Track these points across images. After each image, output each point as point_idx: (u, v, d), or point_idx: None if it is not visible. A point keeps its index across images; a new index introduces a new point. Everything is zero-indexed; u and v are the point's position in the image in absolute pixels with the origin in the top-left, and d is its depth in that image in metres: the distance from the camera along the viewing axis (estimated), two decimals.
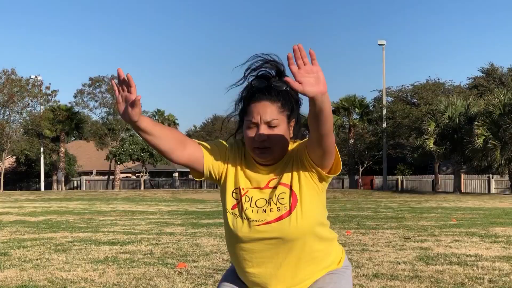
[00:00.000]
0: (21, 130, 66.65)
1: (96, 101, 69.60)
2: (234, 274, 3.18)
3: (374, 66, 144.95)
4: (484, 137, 45.81)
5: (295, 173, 2.95)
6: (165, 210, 27.64)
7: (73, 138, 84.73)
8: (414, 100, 66.54)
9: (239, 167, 3.04)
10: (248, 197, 3.00)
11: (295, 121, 3.00)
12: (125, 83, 2.73)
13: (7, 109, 63.75)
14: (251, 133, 2.92)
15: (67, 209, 29.24)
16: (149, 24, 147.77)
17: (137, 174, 76.20)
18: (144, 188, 67.56)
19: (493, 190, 58.03)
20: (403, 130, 60.76)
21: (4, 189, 64.94)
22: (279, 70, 2.97)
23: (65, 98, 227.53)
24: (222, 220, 2.74)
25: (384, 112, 60.25)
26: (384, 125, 59.96)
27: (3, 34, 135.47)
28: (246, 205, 2.99)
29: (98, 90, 69.51)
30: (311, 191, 2.95)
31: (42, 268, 9.76)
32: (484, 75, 72.28)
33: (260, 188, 3.00)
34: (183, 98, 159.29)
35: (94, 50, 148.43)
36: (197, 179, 3.13)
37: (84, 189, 73.29)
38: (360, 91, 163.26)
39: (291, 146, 3.02)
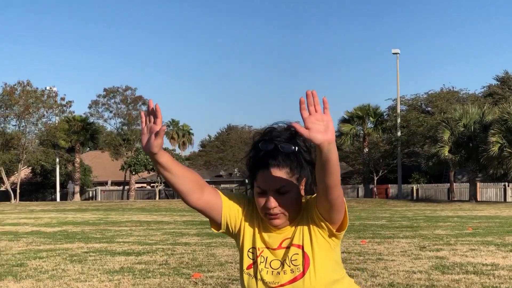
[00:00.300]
0: (37, 141, 66.93)
1: (111, 111, 69.89)
2: None
3: (388, 75, 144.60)
4: (500, 144, 45.59)
5: (306, 233, 2.93)
6: (180, 220, 27.66)
7: (88, 148, 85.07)
8: (429, 108, 66.33)
9: (255, 225, 3.02)
10: (263, 258, 2.99)
11: (306, 179, 2.93)
12: (152, 114, 2.74)
13: (23, 120, 64.08)
14: (261, 200, 2.88)
15: (83, 219, 29.33)
16: (164, 35, 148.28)
17: (152, 184, 76.34)
18: (159, 198, 67.63)
19: (509, 199, 57.66)
20: (418, 138, 60.55)
21: (20, 199, 65.20)
22: (290, 133, 2.90)
23: (80, 109, 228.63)
24: (228, 236, 2.68)
25: (399, 120, 60.09)
26: (399, 133, 59.79)
27: (18, 46, 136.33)
28: (261, 266, 2.97)
29: (112, 100, 69.81)
30: (322, 249, 2.94)
31: (58, 279, 9.80)
32: (499, 83, 71.97)
33: (273, 249, 2.99)
34: (198, 108, 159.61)
35: (109, 61, 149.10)
36: (216, 231, 3.07)
37: (99, 199, 73.45)
38: (374, 100, 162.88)
39: (304, 205, 2.99)
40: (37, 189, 77.48)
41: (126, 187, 71.56)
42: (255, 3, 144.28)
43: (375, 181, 64.88)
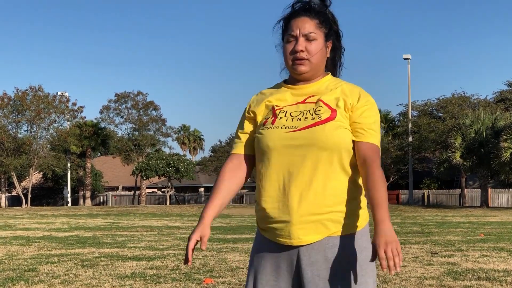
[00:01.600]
0: (48, 146, 67.19)
1: (122, 116, 70.13)
2: (260, 243, 3.11)
3: (399, 81, 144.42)
4: (511, 150, 45.45)
5: (338, 102, 3.00)
6: (191, 226, 27.68)
7: (99, 153, 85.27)
8: (440, 114, 66.19)
9: (270, 99, 3.10)
10: (283, 111, 3.03)
11: (332, 44, 3.12)
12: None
13: (34, 126, 64.35)
14: (290, 46, 3.03)
15: (94, 224, 29.39)
16: (175, 40, 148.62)
17: (162, 190, 76.45)
18: (170, 204, 67.72)
19: None
20: (429, 144, 60.41)
21: (31, 204, 65.45)
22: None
23: (91, 114, 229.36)
24: (248, 235, 2.66)
25: (410, 126, 59.97)
26: (410, 139, 59.68)
27: (30, 51, 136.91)
28: (280, 115, 3.01)
29: (123, 106, 70.06)
30: (348, 126, 2.99)
31: (69, 284, 9.82)
32: (510, 88, 71.73)
33: (296, 104, 3.03)
34: (209, 113, 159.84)
35: (120, 67, 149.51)
36: None
37: (110, 204, 73.61)
38: (385, 105, 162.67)
39: (332, 78, 3.13)
40: (48, 194, 77.77)
41: (137, 192, 71.70)
42: (267, 9, 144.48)
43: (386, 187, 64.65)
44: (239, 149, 3.12)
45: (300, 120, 2.94)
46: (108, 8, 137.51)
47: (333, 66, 3.20)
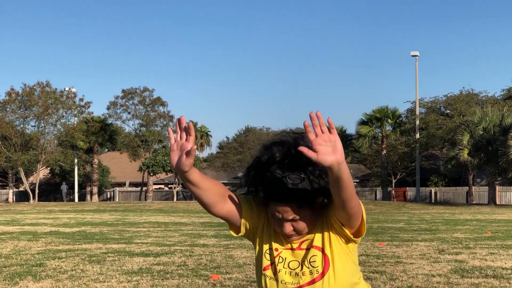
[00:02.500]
0: (55, 141, 67.31)
1: (129, 112, 70.16)
2: None
3: (407, 77, 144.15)
4: None
5: (326, 236, 2.94)
6: (198, 222, 27.70)
7: (106, 149, 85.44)
8: (448, 111, 66.08)
9: (272, 227, 3.03)
10: (282, 258, 2.99)
11: (322, 195, 2.88)
12: (185, 131, 2.72)
13: (42, 121, 64.46)
14: (276, 224, 2.91)
15: (101, 220, 29.44)
16: (181, 36, 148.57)
17: (169, 186, 76.54)
18: (177, 200, 67.79)
19: None
20: (437, 141, 60.32)
21: (39, 200, 65.58)
22: (295, 151, 2.77)
23: (98, 110, 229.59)
24: (247, 240, 2.68)
25: (417, 123, 59.87)
26: (417, 136, 59.57)
27: (38, 47, 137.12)
28: (279, 266, 2.98)
29: (130, 102, 70.08)
30: (342, 253, 2.95)
31: (77, 279, 9.83)
32: None
33: (292, 249, 2.99)
34: (216, 110, 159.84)
35: (127, 63, 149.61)
36: (235, 235, 3.10)
37: (117, 200, 73.72)
38: (393, 102, 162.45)
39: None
40: (55, 189, 77.90)
41: (144, 188, 71.79)
42: (273, 6, 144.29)
43: (393, 184, 64.68)
44: (238, 198, 3.01)
45: (298, 275, 2.95)
46: (116, 4, 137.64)
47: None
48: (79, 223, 26.77)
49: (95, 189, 71.10)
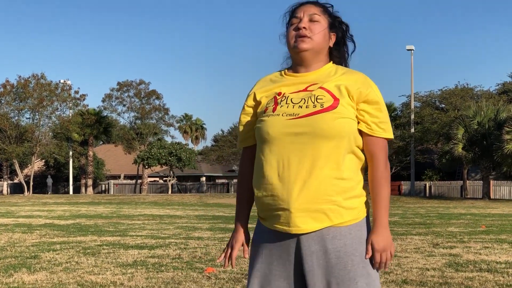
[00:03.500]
0: (50, 134, 67.20)
1: (124, 105, 70.08)
2: (259, 233, 3.12)
3: (402, 72, 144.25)
4: None
5: (341, 90, 2.97)
6: (192, 215, 27.71)
7: (101, 142, 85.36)
8: (443, 105, 66.14)
9: (273, 85, 3.10)
10: (284, 97, 3.00)
11: (336, 35, 3.15)
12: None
13: (37, 113, 64.36)
14: (293, 26, 3.07)
15: (96, 212, 29.42)
16: (177, 29, 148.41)
17: (164, 179, 76.52)
18: (172, 193, 67.78)
19: None
20: (431, 135, 60.40)
21: (33, 192, 65.51)
22: None
23: (93, 102, 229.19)
24: (250, 225, 2.64)
25: (412, 117, 59.94)
26: (412, 130, 59.65)
27: (33, 39, 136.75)
28: (282, 103, 2.98)
29: (126, 94, 70.00)
30: (353, 116, 2.96)
31: (71, 271, 9.84)
32: None
33: (298, 91, 3.00)
34: (211, 103, 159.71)
35: (123, 55, 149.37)
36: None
37: (112, 193, 73.69)
38: (388, 96, 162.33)
39: (338, 67, 3.10)
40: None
41: (139, 181, 71.79)
42: (269, 1, 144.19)
43: None
44: (248, 140, 3.10)
45: (301, 107, 2.91)
46: None
47: (337, 61, 3.17)
48: (74, 215, 26.75)
49: (89, 182, 71.05)
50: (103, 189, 77.50)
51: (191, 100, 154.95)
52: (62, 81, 65.78)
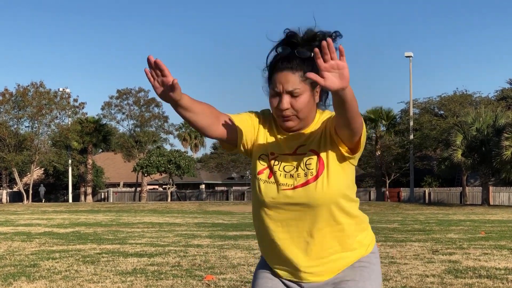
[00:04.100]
0: (49, 142, 67.21)
1: (123, 113, 70.10)
2: (266, 264, 3.17)
3: (401, 78, 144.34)
4: None
5: (323, 143, 2.97)
6: (192, 222, 27.70)
7: (101, 150, 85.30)
8: (442, 112, 66.19)
9: (268, 134, 3.08)
10: (278, 162, 3.02)
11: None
12: (157, 68, 2.74)
13: (36, 122, 64.36)
14: (275, 102, 2.95)
15: (95, 221, 29.41)
16: (176, 36, 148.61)
17: (164, 186, 76.47)
18: (171, 200, 67.74)
19: None
20: (430, 142, 60.40)
21: (33, 200, 65.46)
22: (308, 37, 2.98)
23: (92, 110, 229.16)
24: (249, 232, 2.69)
25: (411, 123, 59.98)
26: (411, 136, 59.67)
27: (32, 47, 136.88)
28: (275, 169, 3.01)
29: (125, 102, 70.04)
30: (338, 161, 2.96)
31: (71, 280, 9.83)
32: None
33: (288, 154, 3.02)
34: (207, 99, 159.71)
35: (122, 63, 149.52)
36: (229, 152, 3.17)
37: (111, 201, 73.64)
38: (387, 103, 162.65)
39: (320, 114, 3.05)
40: (49, 190, 77.81)
41: (138, 189, 71.73)
42: (266, 6, 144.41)
43: (387, 184, 64.76)
44: (232, 117, 3.04)
45: (293, 176, 2.97)
46: (109, 4, 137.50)
47: (326, 98, 3.12)
48: (73, 223, 26.74)
49: (89, 190, 71.02)
50: (102, 197, 77.46)
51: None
52: (61, 89, 65.84)
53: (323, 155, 2.96)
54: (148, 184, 74.50)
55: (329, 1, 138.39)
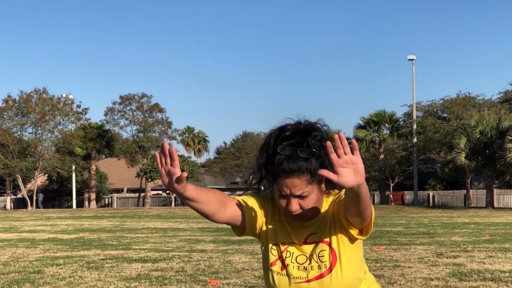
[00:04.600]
0: (53, 148, 67.26)
1: (127, 118, 70.13)
2: None
3: (404, 81, 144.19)
4: None
5: (333, 230, 2.96)
6: (196, 227, 27.68)
7: (104, 155, 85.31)
8: (445, 114, 66.10)
9: (277, 222, 3.04)
10: (289, 253, 3.01)
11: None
12: (170, 157, 2.71)
13: (39, 128, 64.42)
14: (283, 202, 2.89)
15: (99, 226, 29.41)
16: (179, 43, 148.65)
17: (167, 191, 76.44)
18: (175, 205, 67.72)
19: None
20: (434, 145, 60.35)
21: (37, 207, 65.49)
22: (305, 130, 2.88)
23: (96, 116, 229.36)
24: (253, 237, 2.66)
25: (415, 127, 59.92)
26: (415, 139, 59.61)
27: (35, 53, 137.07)
28: (287, 261, 3.00)
29: (128, 108, 70.06)
30: (348, 248, 2.97)
31: (75, 286, 9.83)
32: None
33: (298, 244, 3.01)
34: (213, 115, 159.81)
35: (125, 69, 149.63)
36: (239, 236, 3.16)
37: (115, 206, 73.64)
38: (390, 106, 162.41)
39: (327, 197, 3.00)
40: (53, 196, 77.84)
41: (142, 194, 71.73)
42: (269, 13, 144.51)
43: (391, 188, 64.67)
44: (239, 202, 3.03)
45: (306, 269, 2.97)
46: (113, 10, 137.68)
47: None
48: (77, 229, 26.74)
49: (93, 196, 71.04)
50: (106, 202, 77.46)
51: (194, 112, 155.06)
52: (64, 95, 65.92)
53: (334, 245, 2.96)
54: (152, 190, 74.48)
55: (332, 4, 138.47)
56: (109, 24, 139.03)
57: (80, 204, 72.20)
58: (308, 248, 2.99)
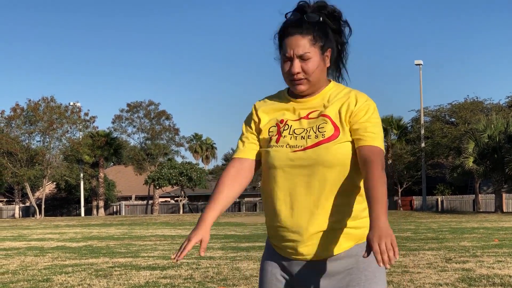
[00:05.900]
0: (61, 156, 67.45)
1: (134, 126, 70.32)
2: (270, 251, 3.13)
3: (411, 86, 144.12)
4: None
5: (339, 120, 2.96)
6: None
7: (112, 163, 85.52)
8: (453, 119, 66.00)
9: (275, 109, 3.09)
10: (288, 126, 3.01)
11: (332, 50, 3.02)
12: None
13: (47, 136, 64.62)
14: (286, 67, 2.98)
15: (107, 234, 29.43)
16: (186, 49, 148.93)
17: (175, 199, 76.54)
18: (183, 212, 67.75)
19: None
20: (442, 149, 60.22)
21: (45, 215, 65.64)
22: (318, 6, 3.03)
23: (103, 124, 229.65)
24: (261, 244, 2.65)
25: (422, 131, 59.84)
26: (423, 144, 59.53)
27: (42, 62, 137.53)
28: (284, 133, 2.99)
29: (136, 115, 70.24)
30: (351, 144, 2.95)
31: None
32: None
33: (299, 119, 3.01)
34: (221, 122, 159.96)
35: (132, 76, 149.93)
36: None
37: (123, 214, 73.73)
38: (397, 111, 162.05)
39: (336, 86, 3.07)
40: (61, 204, 78.02)
41: (150, 202, 71.80)
42: (276, 17, 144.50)
43: (400, 193, 64.57)
44: (242, 153, 3.09)
45: (303, 138, 2.94)
46: (120, 19, 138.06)
47: (336, 68, 3.15)
48: (86, 237, 26.77)
49: (101, 203, 71.17)
50: (114, 210, 77.57)
51: (201, 119, 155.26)
52: (71, 103, 66.13)
53: (337, 122, 2.96)
54: (160, 197, 74.58)
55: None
56: (116, 32, 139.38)
57: (88, 212, 72.31)
58: (308, 121, 3.00)
